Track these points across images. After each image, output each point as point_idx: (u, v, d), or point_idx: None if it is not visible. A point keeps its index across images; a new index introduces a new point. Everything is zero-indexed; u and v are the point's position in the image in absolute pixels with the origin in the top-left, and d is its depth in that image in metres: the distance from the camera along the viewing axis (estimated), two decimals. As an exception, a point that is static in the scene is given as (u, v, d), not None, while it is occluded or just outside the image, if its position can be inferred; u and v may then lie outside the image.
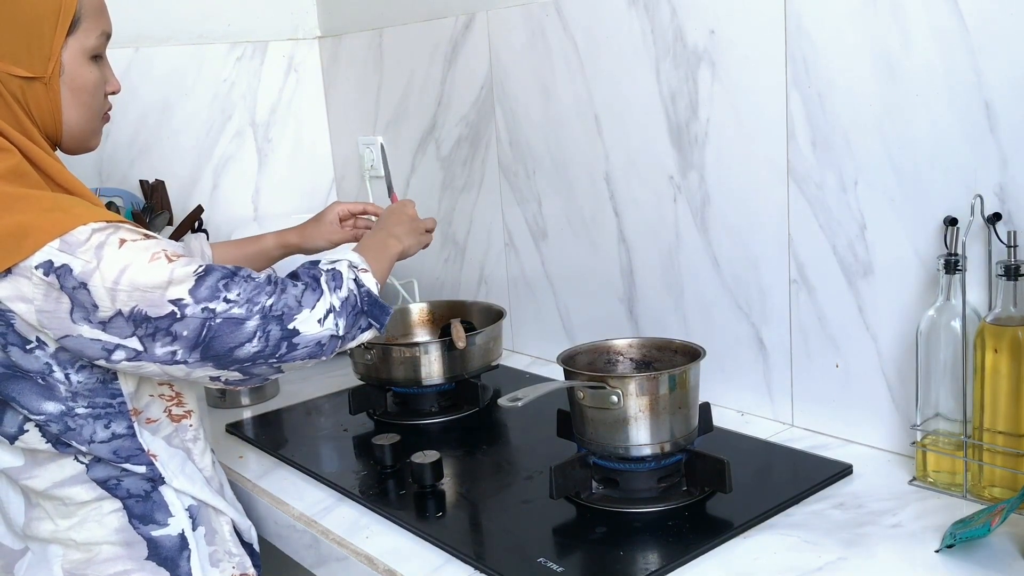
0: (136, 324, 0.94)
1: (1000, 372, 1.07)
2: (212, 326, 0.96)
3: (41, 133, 1.03)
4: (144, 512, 1.09)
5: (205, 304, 0.96)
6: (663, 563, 1.03)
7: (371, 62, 2.02)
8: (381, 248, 1.20)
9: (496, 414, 1.53)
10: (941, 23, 1.10)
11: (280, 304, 0.99)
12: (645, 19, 1.43)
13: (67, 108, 1.04)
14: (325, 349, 1.03)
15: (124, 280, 0.93)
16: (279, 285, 1.02)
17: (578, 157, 1.60)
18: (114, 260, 0.93)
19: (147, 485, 1.09)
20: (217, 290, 0.97)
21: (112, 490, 1.08)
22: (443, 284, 1.96)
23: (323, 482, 1.31)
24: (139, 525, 1.09)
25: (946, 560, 0.99)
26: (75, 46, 1.03)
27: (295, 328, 1.00)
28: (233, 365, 0.99)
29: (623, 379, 1.15)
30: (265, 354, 0.99)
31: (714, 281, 1.42)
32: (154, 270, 0.94)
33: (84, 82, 1.05)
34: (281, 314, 0.99)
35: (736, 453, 1.19)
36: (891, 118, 1.16)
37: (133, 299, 0.94)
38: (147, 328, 0.95)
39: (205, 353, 0.97)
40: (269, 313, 0.99)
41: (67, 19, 1.01)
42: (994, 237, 1.08)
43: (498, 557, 1.07)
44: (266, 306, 0.99)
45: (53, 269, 0.92)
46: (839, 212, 1.24)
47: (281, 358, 1.00)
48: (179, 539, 1.10)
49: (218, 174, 2.09)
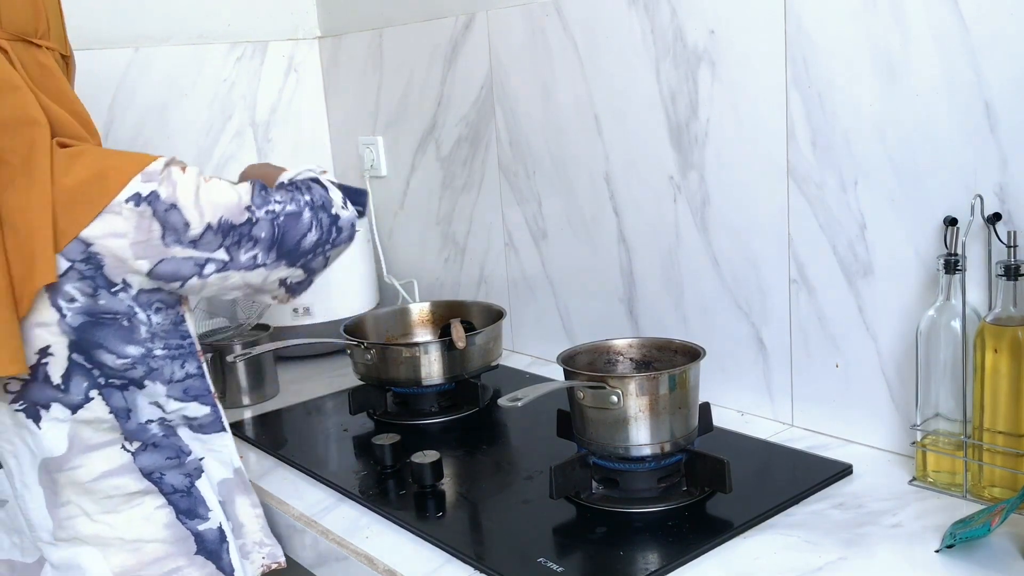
0: (224, 234, 1.04)
1: (1000, 372, 1.07)
2: (278, 224, 1.08)
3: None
4: (188, 507, 1.11)
5: (266, 208, 1.07)
6: (663, 563, 1.03)
7: (371, 62, 2.02)
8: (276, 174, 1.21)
9: (496, 414, 1.53)
10: (941, 23, 1.10)
11: (317, 196, 1.12)
12: (645, 19, 1.43)
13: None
14: (354, 228, 1.16)
15: (203, 197, 1.03)
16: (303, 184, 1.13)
17: (578, 157, 1.60)
18: (186, 184, 1.03)
19: (186, 481, 1.11)
20: (266, 195, 1.08)
21: (157, 483, 1.09)
22: (443, 284, 1.96)
23: (323, 482, 1.31)
24: (186, 520, 1.11)
25: (946, 560, 0.99)
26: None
27: (336, 214, 1.13)
28: (300, 259, 1.11)
29: (623, 379, 1.15)
30: (322, 240, 1.12)
31: (714, 281, 1.42)
32: (219, 187, 1.05)
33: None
34: (323, 203, 1.12)
35: (736, 453, 1.19)
36: (891, 118, 1.16)
37: (218, 211, 1.04)
38: (233, 236, 1.05)
39: (280, 250, 1.08)
40: (315, 203, 1.11)
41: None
42: (994, 237, 1.08)
43: (498, 557, 1.07)
44: (309, 199, 1.11)
45: (143, 199, 1.00)
46: (839, 212, 1.24)
47: (334, 243, 1.14)
48: (219, 532, 1.13)
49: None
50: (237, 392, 1.65)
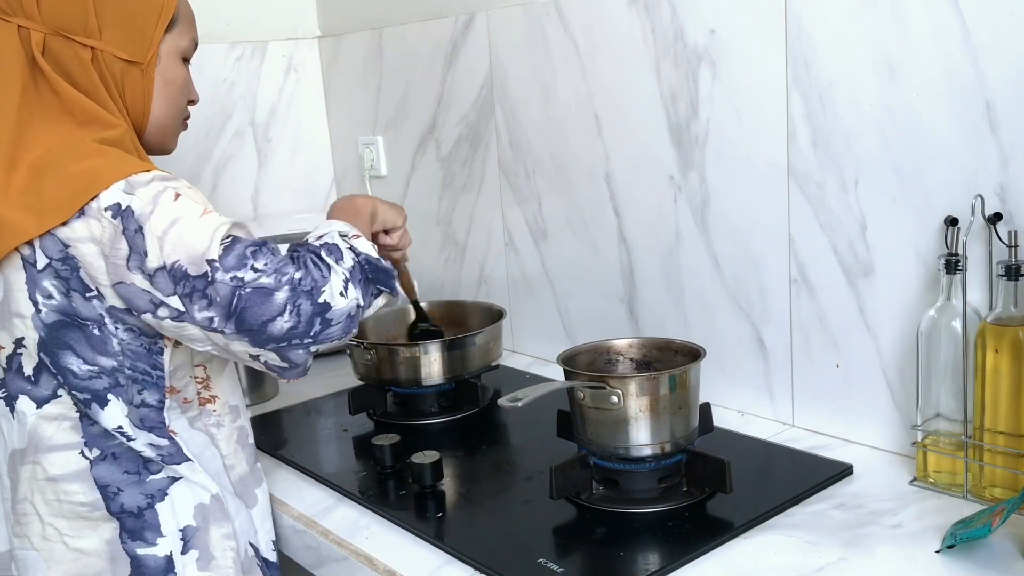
0: (176, 281, 0.95)
1: (1001, 372, 1.06)
2: (242, 295, 0.96)
3: (128, 120, 1.08)
4: (135, 528, 1.07)
5: (233, 273, 0.96)
6: (663, 563, 1.03)
7: (371, 62, 2.02)
8: (353, 211, 1.16)
9: (496, 414, 1.53)
10: (941, 23, 1.09)
11: (308, 278, 0.99)
12: (645, 19, 1.43)
13: (157, 98, 1.10)
14: (354, 321, 1.03)
15: (172, 232, 0.95)
16: (301, 259, 1.02)
17: (578, 157, 1.59)
18: (167, 210, 0.96)
19: (143, 501, 1.07)
20: (245, 258, 0.97)
21: (110, 499, 1.06)
22: (443, 284, 1.96)
23: (323, 482, 1.31)
24: (127, 540, 1.07)
25: (947, 560, 0.99)
26: (171, 43, 1.11)
27: (326, 302, 0.99)
28: (269, 344, 0.98)
29: (623, 379, 1.15)
30: (299, 332, 0.98)
31: (714, 281, 1.42)
32: (202, 226, 0.96)
33: (175, 76, 1.12)
34: (311, 288, 0.98)
35: (736, 453, 1.19)
36: (892, 118, 1.16)
37: (177, 253, 0.95)
38: (185, 287, 0.96)
39: (239, 325, 0.96)
40: (298, 287, 0.98)
41: (167, 17, 1.10)
42: (995, 237, 1.08)
43: (498, 557, 1.07)
44: (295, 278, 0.98)
45: (120, 212, 0.95)
46: (839, 212, 1.24)
47: (316, 337, 0.99)
48: (165, 561, 1.07)
49: (218, 174, 2.09)
50: (237, 392, 1.65)
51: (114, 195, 0.96)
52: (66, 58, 1.03)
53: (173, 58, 1.12)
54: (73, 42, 1.03)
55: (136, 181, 0.97)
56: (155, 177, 0.98)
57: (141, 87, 1.08)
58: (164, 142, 1.15)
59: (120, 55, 1.06)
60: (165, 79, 1.11)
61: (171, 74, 1.11)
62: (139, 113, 1.09)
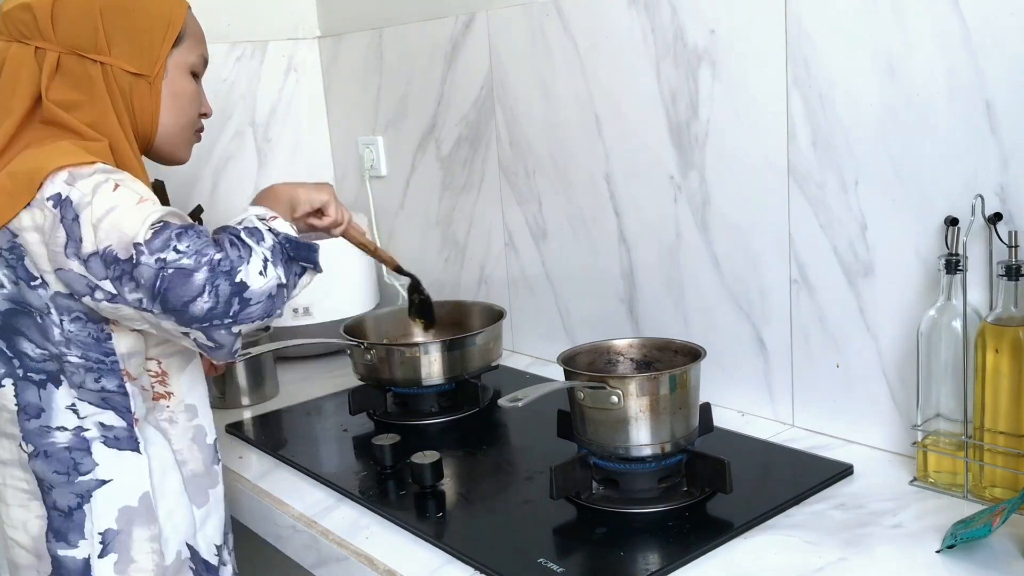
0: (107, 265, 0.98)
1: (1001, 372, 1.06)
2: (164, 276, 0.97)
3: (136, 132, 1.13)
4: (60, 527, 1.08)
5: (157, 254, 0.97)
6: (663, 563, 1.03)
7: (371, 62, 2.02)
8: (272, 198, 1.17)
9: (496, 414, 1.53)
10: (942, 23, 1.09)
11: (226, 259, 0.99)
12: (645, 19, 1.43)
13: (164, 111, 1.15)
14: (276, 301, 1.03)
15: (107, 219, 0.98)
16: (221, 240, 1.03)
17: (578, 157, 1.59)
18: (104, 199, 0.99)
19: (72, 500, 1.08)
20: (169, 240, 0.98)
21: (45, 492, 1.08)
22: (443, 284, 1.96)
23: (323, 482, 1.31)
24: (52, 539, 1.09)
25: (947, 560, 0.99)
26: (178, 57, 1.16)
27: (243, 281, 0.99)
28: (193, 323, 0.99)
29: (623, 379, 1.15)
30: (219, 312, 0.98)
31: (714, 281, 1.42)
32: (135, 213, 0.99)
33: (182, 89, 1.16)
34: (229, 269, 0.99)
35: (736, 453, 1.19)
36: (892, 118, 1.16)
37: (110, 238, 0.98)
38: (115, 270, 0.98)
39: (164, 306, 0.98)
40: (217, 267, 0.98)
41: (175, 32, 1.14)
42: (995, 237, 1.08)
43: (498, 557, 1.07)
44: (214, 259, 0.98)
45: (60, 201, 0.99)
46: (840, 212, 1.24)
47: (236, 317, 1.00)
48: (83, 564, 1.08)
49: (218, 174, 2.09)
50: (237, 392, 1.65)
51: (56, 186, 0.99)
52: (78, 74, 1.08)
53: (180, 72, 1.16)
54: (85, 59, 1.08)
55: (78, 173, 1.00)
56: (97, 169, 1.01)
57: (149, 99, 1.13)
58: (175, 152, 1.19)
59: (128, 69, 1.10)
60: (172, 91, 1.15)
61: (178, 87, 1.16)
62: (148, 124, 1.14)
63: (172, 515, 1.13)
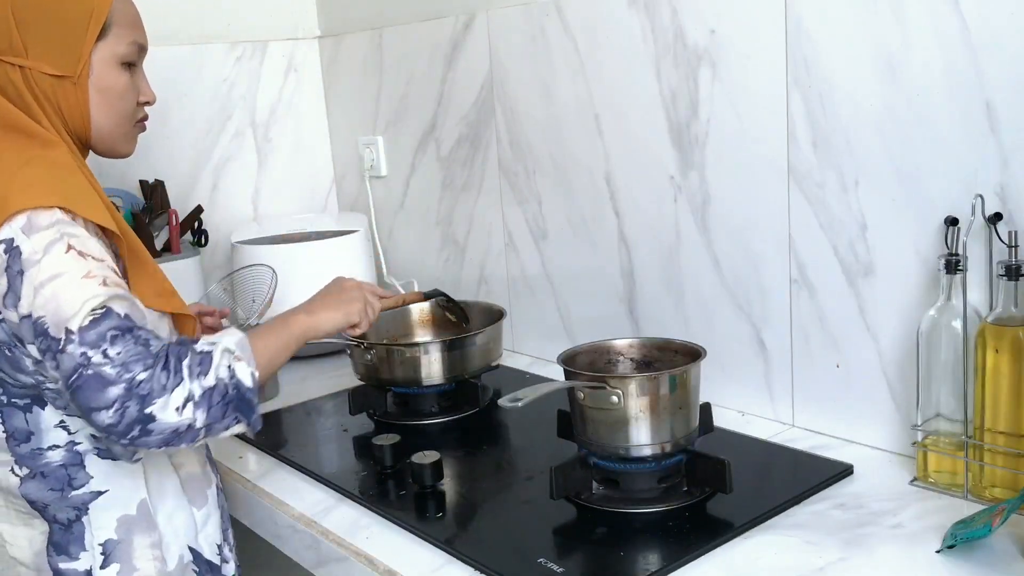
0: (36, 334, 0.94)
1: (1001, 372, 1.06)
2: (82, 375, 0.92)
3: (71, 133, 1.07)
4: (61, 541, 1.07)
5: (85, 349, 0.93)
6: (663, 563, 1.03)
7: (371, 62, 2.02)
8: (279, 327, 1.12)
9: (496, 414, 1.53)
10: (942, 23, 1.09)
11: (148, 384, 0.94)
12: (645, 19, 1.43)
13: (95, 109, 1.07)
14: (182, 438, 0.96)
15: (49, 286, 0.93)
16: (162, 358, 0.96)
17: (578, 157, 1.59)
18: (53, 263, 0.94)
19: (70, 514, 1.07)
20: (102, 339, 0.93)
21: (41, 511, 1.07)
22: (443, 284, 1.96)
23: (323, 482, 1.31)
24: (53, 554, 1.07)
25: (947, 560, 0.99)
26: (105, 51, 1.06)
27: (151, 413, 0.94)
28: (92, 426, 0.95)
29: (623, 379, 1.15)
30: (118, 430, 0.93)
31: (714, 281, 1.42)
32: (79, 291, 0.94)
33: (112, 85, 1.08)
34: (145, 394, 0.93)
35: (736, 453, 1.19)
36: (892, 118, 1.16)
37: (46, 309, 0.93)
38: (42, 343, 0.94)
39: (72, 398, 0.94)
40: (134, 389, 0.93)
41: (98, 24, 1.05)
42: (995, 237, 1.08)
43: (498, 557, 1.07)
44: (136, 379, 0.93)
45: (11, 248, 0.94)
46: (840, 212, 1.24)
47: (134, 440, 0.94)
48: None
49: (218, 174, 2.09)
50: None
51: (11, 231, 0.94)
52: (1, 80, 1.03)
53: (108, 66, 1.07)
54: (3, 63, 1.02)
55: (36, 222, 0.95)
56: (56, 221, 0.96)
57: (76, 100, 1.05)
58: (115, 148, 1.12)
59: (48, 71, 1.03)
60: (100, 89, 1.07)
61: (106, 82, 1.07)
62: (80, 125, 1.07)
63: (172, 519, 1.12)
